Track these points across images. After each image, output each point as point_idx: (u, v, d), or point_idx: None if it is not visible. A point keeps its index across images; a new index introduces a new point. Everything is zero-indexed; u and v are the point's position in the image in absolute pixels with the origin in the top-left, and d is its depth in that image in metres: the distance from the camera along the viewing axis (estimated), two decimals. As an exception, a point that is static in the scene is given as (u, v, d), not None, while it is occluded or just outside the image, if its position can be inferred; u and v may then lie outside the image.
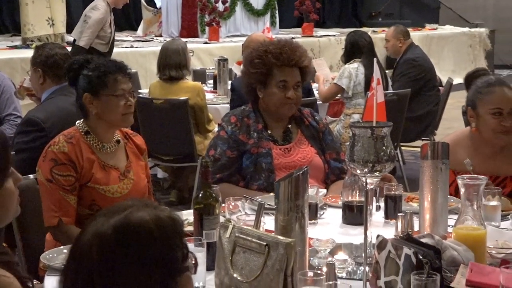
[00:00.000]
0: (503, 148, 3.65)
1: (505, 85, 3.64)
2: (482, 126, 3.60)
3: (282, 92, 3.78)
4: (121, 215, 1.70)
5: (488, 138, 3.61)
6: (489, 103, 3.55)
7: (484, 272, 2.42)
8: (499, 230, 2.88)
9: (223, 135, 3.81)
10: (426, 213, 2.83)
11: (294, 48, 3.86)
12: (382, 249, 2.45)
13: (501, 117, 3.53)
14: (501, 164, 3.64)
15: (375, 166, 2.42)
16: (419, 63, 7.82)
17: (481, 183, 2.67)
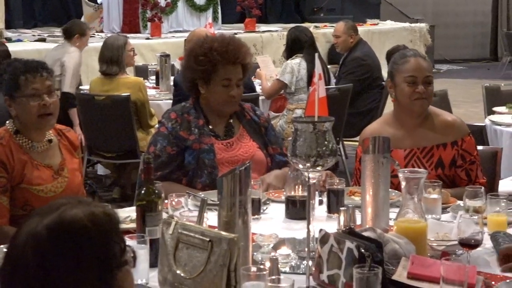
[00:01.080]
0: (425, 120, 3.76)
1: (419, 56, 3.77)
2: (399, 94, 3.71)
3: (226, 90, 3.78)
4: (54, 214, 1.68)
5: (405, 106, 3.72)
6: (404, 72, 3.68)
7: (425, 264, 2.45)
8: (440, 222, 2.92)
9: (163, 131, 3.79)
10: (368, 207, 2.85)
11: (239, 46, 3.87)
12: (325, 243, 2.47)
13: (415, 85, 3.65)
14: (425, 134, 3.74)
15: (317, 161, 2.43)
16: (367, 62, 7.88)
17: (421, 177, 2.71)
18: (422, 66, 3.71)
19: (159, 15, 13.00)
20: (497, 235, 2.85)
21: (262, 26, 14.81)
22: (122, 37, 7.31)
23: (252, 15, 13.84)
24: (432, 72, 3.80)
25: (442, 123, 3.78)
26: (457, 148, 3.73)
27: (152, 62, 9.08)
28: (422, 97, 3.67)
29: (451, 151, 3.72)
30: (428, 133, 3.75)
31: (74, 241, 1.65)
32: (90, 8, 14.34)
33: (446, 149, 3.72)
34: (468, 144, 3.76)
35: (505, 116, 6.18)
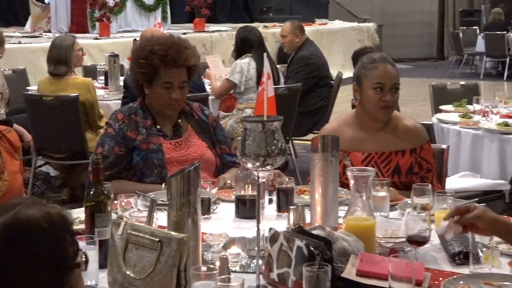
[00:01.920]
0: (386, 124, 3.75)
1: (388, 62, 3.74)
2: (365, 100, 3.70)
3: (167, 93, 3.76)
4: (10, 213, 1.67)
5: (370, 112, 3.71)
6: (372, 78, 3.66)
7: (374, 261, 2.46)
8: (388, 220, 2.94)
9: (111, 132, 3.77)
10: (317, 205, 2.85)
11: (181, 50, 3.82)
12: (275, 241, 2.47)
13: (382, 92, 3.64)
14: (385, 139, 3.74)
15: (267, 160, 2.43)
16: (313, 61, 7.91)
17: (369, 175, 2.72)
18: (391, 73, 3.69)
19: (107, 15, 12.92)
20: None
21: (212, 26, 14.81)
22: (70, 37, 7.23)
23: (201, 15, 13.84)
24: (399, 76, 3.76)
25: (403, 128, 3.78)
26: (416, 155, 3.74)
27: (101, 62, 9.00)
28: (388, 105, 3.67)
29: (409, 158, 3.72)
30: (388, 138, 3.75)
31: (30, 240, 1.64)
32: (38, 8, 14.19)
33: (405, 156, 3.73)
34: (426, 152, 3.78)
35: (452, 115, 6.26)
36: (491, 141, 5.55)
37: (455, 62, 17.81)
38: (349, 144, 3.68)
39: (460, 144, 5.72)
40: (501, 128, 5.60)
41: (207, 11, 14.00)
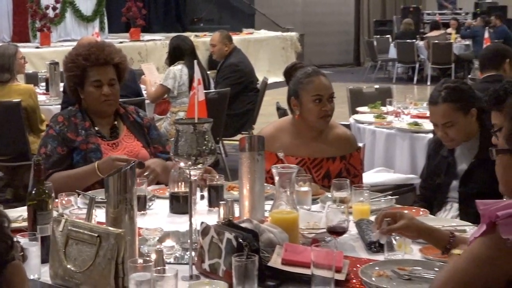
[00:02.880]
0: (321, 133, 3.76)
1: (321, 74, 3.75)
2: (305, 112, 3.69)
3: (98, 90, 3.73)
4: None
5: (311, 123, 3.71)
6: (310, 91, 3.65)
7: (298, 251, 2.48)
8: (310, 212, 2.95)
9: (52, 133, 3.72)
10: (245, 200, 2.86)
11: (102, 47, 3.81)
12: (206, 234, 2.47)
13: (321, 103, 3.65)
14: (318, 147, 3.75)
15: (198, 159, 2.42)
16: (241, 68, 7.91)
17: (293, 171, 2.74)
18: (326, 84, 3.71)
19: (48, 25, 12.74)
20: (361, 223, 2.91)
21: (146, 35, 14.72)
22: (12, 46, 7.12)
23: (137, 25, 13.77)
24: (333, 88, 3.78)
25: (335, 137, 3.80)
26: (345, 162, 3.76)
27: (42, 70, 8.90)
28: (328, 114, 3.69)
29: (339, 165, 3.74)
30: (321, 146, 3.76)
31: None
32: (-20, 18, 13.92)
33: (335, 162, 3.74)
34: (355, 159, 3.81)
35: (367, 115, 6.33)
36: (402, 139, 5.63)
37: (370, 68, 18.05)
38: (284, 149, 3.67)
39: (375, 142, 5.80)
40: (412, 127, 5.69)
41: (142, 22, 13.94)
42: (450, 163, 3.74)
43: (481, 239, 2.14)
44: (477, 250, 2.14)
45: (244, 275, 2.19)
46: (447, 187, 3.73)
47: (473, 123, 3.65)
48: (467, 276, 2.12)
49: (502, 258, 2.08)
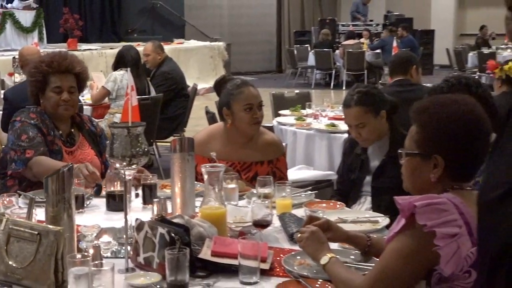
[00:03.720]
0: (250, 139, 3.75)
1: (249, 85, 3.75)
2: (237, 120, 3.67)
3: (58, 96, 3.69)
4: None
5: (243, 130, 3.69)
6: (241, 101, 3.64)
7: (226, 243, 2.48)
8: (237, 208, 2.95)
9: (28, 124, 3.65)
10: (177, 198, 2.85)
11: (64, 57, 3.79)
12: (141, 230, 2.45)
13: (251, 111, 3.65)
14: (248, 152, 3.74)
15: (132, 160, 2.40)
16: (172, 75, 7.86)
17: (220, 170, 2.74)
18: (255, 93, 3.70)
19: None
20: (284, 216, 2.93)
21: (83, 45, 14.54)
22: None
23: (74, 35, 13.61)
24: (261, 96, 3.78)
25: (263, 142, 3.79)
26: (272, 166, 3.76)
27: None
28: (258, 121, 3.69)
29: (266, 168, 3.73)
30: (250, 151, 3.74)
31: None
32: None
33: (263, 166, 3.74)
34: (281, 163, 3.81)
35: (289, 118, 6.38)
36: (321, 139, 5.69)
37: (291, 74, 18.18)
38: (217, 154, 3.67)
39: (296, 142, 5.84)
40: (329, 128, 5.75)
41: (79, 33, 13.82)
42: (364, 160, 3.79)
43: (402, 235, 2.17)
44: (400, 245, 2.17)
45: (176, 266, 2.19)
46: (361, 182, 3.78)
47: (383, 124, 3.71)
48: (396, 272, 2.16)
49: (423, 248, 2.12)
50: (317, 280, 2.31)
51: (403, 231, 2.17)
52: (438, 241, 2.09)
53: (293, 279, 2.33)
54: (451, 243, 2.09)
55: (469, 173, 2.28)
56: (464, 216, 2.12)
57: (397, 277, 2.16)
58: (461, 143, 2.23)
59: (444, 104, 2.29)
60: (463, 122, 2.24)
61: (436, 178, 2.24)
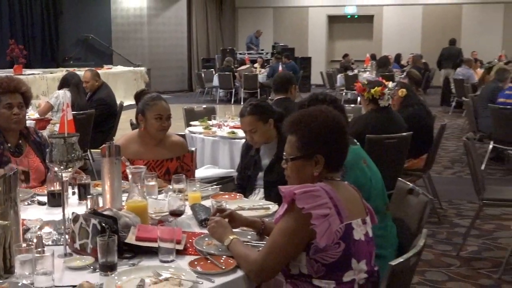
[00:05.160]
0: (160, 141, 3.72)
1: (162, 99, 3.73)
2: (149, 126, 3.66)
3: (9, 111, 3.55)
4: None
5: (152, 134, 3.67)
6: (154, 111, 3.63)
7: (148, 230, 2.45)
8: (156, 201, 2.90)
9: None
10: (107, 194, 2.79)
11: (12, 79, 3.69)
12: (76, 221, 2.39)
13: (161, 120, 3.63)
14: (159, 151, 3.70)
15: (68, 164, 2.34)
16: (108, 101, 7.66)
17: (142, 171, 2.72)
18: (165, 107, 3.67)
19: None
20: (194, 206, 2.92)
21: (27, 70, 14.01)
22: None
23: (19, 62, 13.12)
24: (170, 110, 3.75)
25: (171, 143, 3.75)
26: (180, 161, 3.73)
27: None
28: (165, 128, 3.67)
29: (175, 163, 3.70)
30: (161, 150, 3.70)
31: None
32: None
33: (172, 162, 3.70)
34: (187, 158, 3.78)
35: (198, 128, 6.34)
36: (224, 144, 5.69)
37: (199, 93, 18.18)
38: (134, 155, 3.64)
39: (204, 147, 5.82)
40: (230, 135, 5.77)
41: (23, 60, 13.33)
42: (257, 160, 3.82)
43: (286, 217, 2.21)
44: (284, 225, 2.20)
45: (107, 250, 2.15)
46: (255, 177, 3.81)
47: (272, 130, 3.76)
48: (282, 246, 2.18)
49: (303, 227, 2.16)
50: (221, 256, 2.31)
51: (286, 214, 2.20)
52: (314, 221, 2.14)
53: (202, 257, 2.33)
54: (324, 221, 2.14)
55: (340, 164, 2.35)
56: (333, 200, 2.17)
57: (283, 250, 2.19)
58: (333, 141, 2.30)
59: (314, 115, 2.35)
60: (332, 126, 2.31)
61: (318, 173, 2.29)
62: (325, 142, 2.29)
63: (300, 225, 2.16)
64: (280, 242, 2.18)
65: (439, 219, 5.79)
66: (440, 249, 4.98)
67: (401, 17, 21.21)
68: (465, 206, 6.29)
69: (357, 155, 3.09)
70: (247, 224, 2.64)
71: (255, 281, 2.24)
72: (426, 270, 4.50)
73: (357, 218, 2.25)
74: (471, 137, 5.02)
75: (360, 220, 2.26)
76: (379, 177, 3.10)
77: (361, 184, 2.81)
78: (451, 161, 8.66)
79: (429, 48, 19.35)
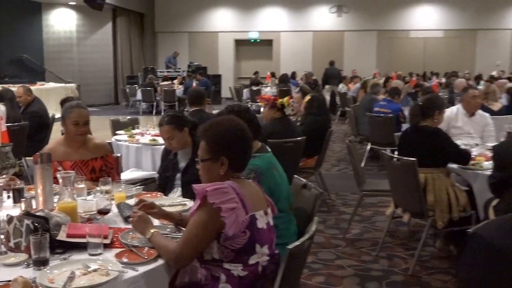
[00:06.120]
0: (84, 143, 3.60)
1: (81, 107, 3.60)
2: (68, 131, 3.55)
3: None
4: None
5: (72, 138, 3.55)
6: (72, 118, 3.52)
7: (77, 227, 2.35)
8: (85, 201, 2.80)
9: None
10: (40, 197, 2.66)
11: None
12: (11, 222, 2.26)
13: (78, 126, 3.52)
14: (84, 152, 3.58)
15: (2, 171, 2.23)
16: (40, 113, 7.29)
17: (71, 175, 2.61)
18: (83, 114, 3.54)
19: None
20: (120, 205, 2.84)
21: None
22: None
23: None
24: (88, 116, 3.61)
25: (94, 145, 3.63)
26: (103, 160, 3.61)
27: None
28: (83, 133, 3.54)
29: (100, 162, 3.59)
30: (86, 151, 3.57)
31: None
32: None
33: (97, 161, 3.58)
34: (110, 158, 3.68)
35: (123, 136, 6.17)
36: (146, 150, 5.58)
37: (125, 106, 17.73)
38: (62, 156, 3.50)
39: (129, 153, 5.68)
40: (152, 142, 5.66)
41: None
42: (175, 163, 3.78)
43: (199, 211, 2.19)
44: (198, 218, 2.18)
45: (39, 247, 2.05)
46: (174, 178, 3.76)
47: (187, 137, 3.72)
48: (197, 237, 2.17)
49: (214, 219, 2.15)
50: (144, 248, 2.26)
51: (199, 208, 2.19)
52: (223, 213, 2.14)
53: (127, 249, 2.27)
54: (232, 214, 2.15)
55: (243, 165, 2.35)
56: (239, 195, 2.18)
57: (198, 240, 2.17)
58: (236, 145, 2.31)
59: (220, 123, 2.36)
60: (235, 132, 2.32)
61: (224, 172, 2.29)
62: (228, 146, 2.29)
63: (211, 218, 2.15)
64: (194, 233, 2.17)
65: (328, 208, 5.95)
66: (330, 233, 5.12)
67: (295, 41, 21.74)
68: (349, 197, 6.50)
69: (270, 163, 3.06)
70: (166, 216, 2.60)
71: (174, 267, 2.21)
72: (319, 251, 4.61)
73: (260, 210, 2.27)
74: (352, 140, 5.21)
75: (263, 212, 2.28)
76: (286, 182, 3.10)
77: (272, 189, 2.84)
78: (337, 160, 8.93)
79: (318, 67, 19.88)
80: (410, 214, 4.27)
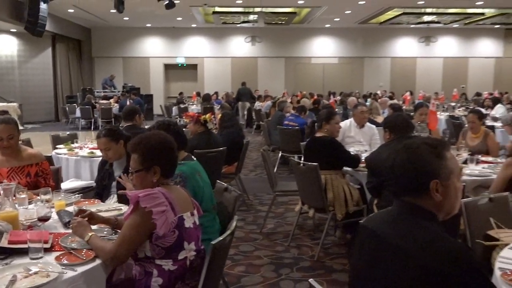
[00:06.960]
0: (19, 152, 3.42)
1: (5, 122, 3.35)
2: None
3: None
4: None
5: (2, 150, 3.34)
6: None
7: (19, 234, 2.21)
8: (27, 209, 2.62)
9: None
10: (-19, 207, 2.46)
11: None
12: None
13: (1, 141, 3.30)
14: (20, 160, 3.37)
15: None
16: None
17: (12, 187, 2.45)
18: (4, 129, 3.31)
19: None
20: (60, 212, 2.70)
21: None
22: None
23: None
24: (14, 130, 3.35)
25: (28, 154, 3.44)
26: (38, 166, 3.43)
27: None
28: (7, 146, 3.31)
29: (35, 168, 3.40)
30: (21, 159, 3.35)
31: None
32: None
33: (32, 167, 3.38)
34: (44, 164, 3.48)
35: (63, 150, 5.86)
36: (85, 162, 5.34)
37: (65, 122, 16.90)
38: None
39: (68, 165, 5.40)
40: (90, 155, 5.43)
41: None
42: (111, 172, 3.64)
43: (133, 215, 2.14)
44: (132, 221, 2.13)
45: (-19, 254, 1.88)
46: (110, 186, 3.63)
47: (122, 148, 3.61)
48: (131, 238, 2.11)
49: (146, 222, 2.11)
50: (83, 250, 2.16)
51: (133, 212, 2.14)
52: (154, 216, 2.10)
53: (67, 251, 2.16)
54: (162, 216, 2.11)
55: (172, 172, 2.32)
56: (168, 199, 2.15)
57: (132, 240, 2.12)
58: (166, 155, 2.27)
59: (149, 137, 2.32)
60: (163, 144, 2.29)
61: (156, 180, 2.24)
62: (159, 156, 2.26)
63: (144, 220, 2.10)
64: (129, 234, 2.11)
65: (247, 207, 5.99)
66: (249, 229, 5.15)
67: (217, 66, 21.83)
68: (264, 197, 6.58)
69: (193, 169, 3.04)
70: (103, 221, 2.50)
71: (111, 266, 2.12)
72: (239, 244, 4.63)
73: (187, 211, 2.24)
74: (266, 149, 5.29)
75: (189, 213, 2.26)
76: (209, 186, 3.09)
77: (196, 191, 2.83)
78: (254, 166, 9.02)
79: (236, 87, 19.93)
80: (315, 209, 4.40)
